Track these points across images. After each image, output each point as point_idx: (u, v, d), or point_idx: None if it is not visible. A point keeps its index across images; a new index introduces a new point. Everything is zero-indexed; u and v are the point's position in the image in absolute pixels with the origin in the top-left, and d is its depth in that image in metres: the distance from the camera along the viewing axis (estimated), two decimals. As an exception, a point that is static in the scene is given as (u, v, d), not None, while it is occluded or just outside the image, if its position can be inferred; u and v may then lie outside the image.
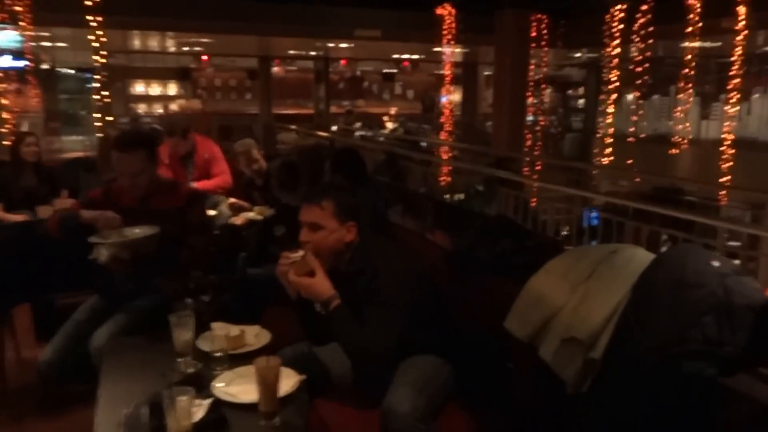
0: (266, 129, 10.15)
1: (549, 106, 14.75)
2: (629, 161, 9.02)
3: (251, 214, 3.52)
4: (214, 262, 2.39)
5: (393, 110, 16.43)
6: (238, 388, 1.55)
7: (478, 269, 2.18)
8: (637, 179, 7.78)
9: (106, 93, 5.89)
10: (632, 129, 10.87)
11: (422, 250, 2.43)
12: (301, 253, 1.68)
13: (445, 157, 8.29)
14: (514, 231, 2.40)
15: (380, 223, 2.71)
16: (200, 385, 1.55)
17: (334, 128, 10.99)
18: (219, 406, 1.44)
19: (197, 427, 1.32)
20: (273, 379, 1.41)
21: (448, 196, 6.08)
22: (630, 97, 12.32)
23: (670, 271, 1.62)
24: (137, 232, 2.03)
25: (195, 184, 3.69)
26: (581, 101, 15.43)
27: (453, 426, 1.68)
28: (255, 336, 1.86)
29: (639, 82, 10.76)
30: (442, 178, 6.82)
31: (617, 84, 8.82)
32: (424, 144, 10.63)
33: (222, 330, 1.78)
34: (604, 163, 8.63)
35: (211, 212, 3.49)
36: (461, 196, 5.46)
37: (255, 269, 2.81)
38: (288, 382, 1.54)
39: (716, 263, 1.62)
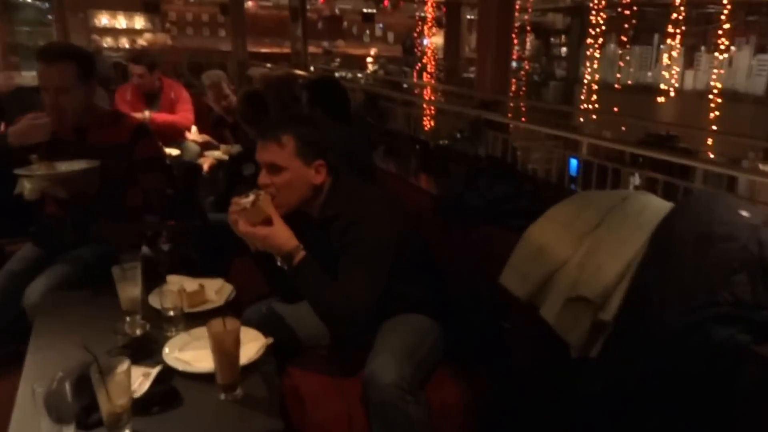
0: (240, 67, 9.53)
1: (532, 53, 14.41)
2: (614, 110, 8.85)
3: (218, 153, 3.23)
4: (173, 206, 2.11)
5: (373, 52, 15.90)
6: (193, 353, 1.31)
7: (469, 217, 1.95)
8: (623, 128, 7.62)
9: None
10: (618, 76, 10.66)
11: (407, 196, 2.19)
12: (252, 197, 1.39)
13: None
14: (509, 174, 2.17)
15: (364, 165, 2.43)
16: (149, 351, 1.32)
17: (312, 69, 10.49)
18: (169, 375, 1.21)
19: (139, 403, 1.10)
20: (232, 346, 1.17)
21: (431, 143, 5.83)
22: (613, 46, 12.05)
23: (694, 222, 1.43)
24: (73, 165, 1.73)
25: (152, 114, 3.34)
26: (564, 49, 15.06)
27: (443, 394, 1.50)
28: (216, 291, 1.62)
29: (626, 26, 10.45)
30: (425, 122, 6.50)
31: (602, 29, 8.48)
32: (406, 85, 10.24)
33: (177, 284, 1.53)
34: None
35: (173, 151, 3.18)
36: (445, 141, 5.21)
37: (219, 214, 2.53)
38: (252, 346, 1.32)
39: (746, 213, 1.43)
